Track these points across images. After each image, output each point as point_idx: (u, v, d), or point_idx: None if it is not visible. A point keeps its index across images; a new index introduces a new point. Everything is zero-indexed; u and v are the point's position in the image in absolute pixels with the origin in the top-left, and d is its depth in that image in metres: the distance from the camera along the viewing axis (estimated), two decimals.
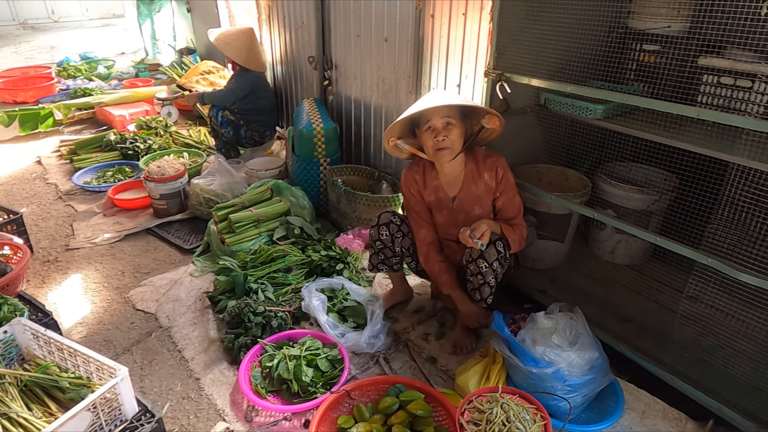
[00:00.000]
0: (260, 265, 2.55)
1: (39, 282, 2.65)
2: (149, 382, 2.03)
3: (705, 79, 1.90)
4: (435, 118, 1.94)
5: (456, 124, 1.94)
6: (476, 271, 2.00)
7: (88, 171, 3.85)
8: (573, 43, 2.09)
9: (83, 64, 6.95)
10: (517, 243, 2.06)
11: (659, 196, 2.34)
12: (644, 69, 2.26)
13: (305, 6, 3.44)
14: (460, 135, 1.97)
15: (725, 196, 1.65)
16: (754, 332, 1.71)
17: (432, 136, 1.95)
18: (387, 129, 2.06)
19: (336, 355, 2.05)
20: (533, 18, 2.15)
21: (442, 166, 2.08)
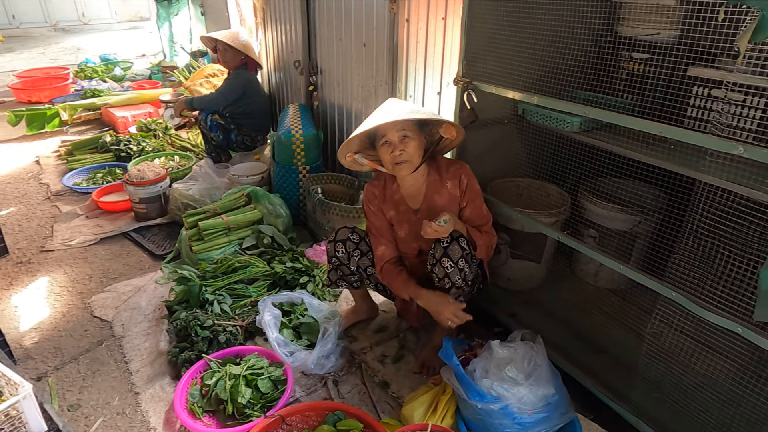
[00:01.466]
0: (221, 275, 2.47)
1: (6, 284, 2.64)
2: (87, 395, 1.96)
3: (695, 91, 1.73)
4: (390, 133, 1.84)
5: (413, 136, 1.84)
6: (442, 274, 1.87)
7: (80, 172, 3.87)
8: (556, 50, 1.93)
9: (101, 65, 7.09)
10: (484, 248, 1.93)
11: (644, 217, 2.15)
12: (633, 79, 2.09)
13: (293, 9, 3.37)
14: (418, 146, 1.86)
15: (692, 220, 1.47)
16: (723, 378, 1.52)
17: (389, 151, 1.85)
18: (341, 145, 1.96)
19: (280, 375, 1.95)
20: (511, 23, 2.01)
21: (403, 179, 1.97)
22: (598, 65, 1.88)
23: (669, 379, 1.68)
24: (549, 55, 1.98)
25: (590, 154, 2.05)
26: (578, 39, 1.87)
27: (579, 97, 1.96)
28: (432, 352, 2.05)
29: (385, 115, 1.82)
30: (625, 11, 1.98)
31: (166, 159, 3.98)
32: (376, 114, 1.86)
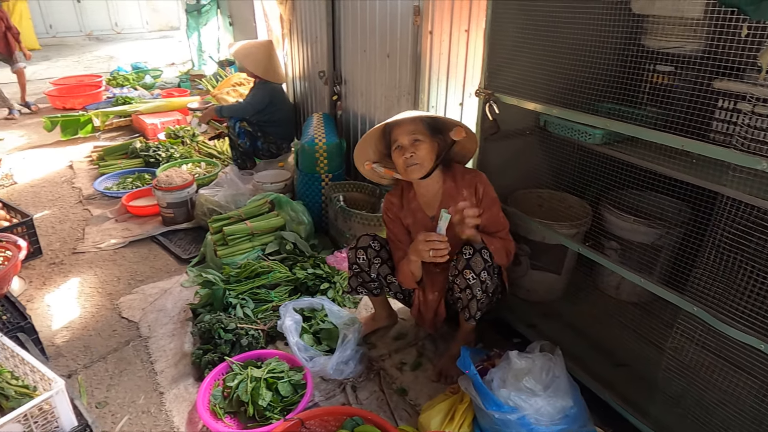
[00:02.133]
0: (244, 280, 2.53)
1: (40, 284, 2.74)
2: (114, 393, 2.03)
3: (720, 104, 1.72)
4: (401, 137, 1.89)
5: (424, 140, 1.88)
6: (464, 285, 1.90)
7: (110, 177, 4.00)
8: (579, 62, 1.94)
9: (132, 73, 7.31)
10: (502, 253, 1.94)
11: (666, 230, 2.13)
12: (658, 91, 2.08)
13: (318, 21, 3.45)
14: (430, 150, 1.89)
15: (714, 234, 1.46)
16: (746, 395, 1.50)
17: (401, 154, 1.90)
18: (355, 151, 2.02)
19: (300, 379, 1.98)
20: (534, 35, 2.02)
21: (418, 185, 2.01)
22: (622, 77, 1.88)
23: (690, 394, 1.66)
24: (572, 67, 1.99)
25: (613, 166, 2.04)
26: (602, 51, 1.88)
27: (602, 108, 1.97)
28: (450, 361, 2.06)
29: (392, 118, 1.90)
30: (650, 24, 1.98)
31: (193, 165, 4.09)
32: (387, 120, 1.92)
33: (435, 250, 1.79)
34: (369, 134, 1.96)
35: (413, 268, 1.94)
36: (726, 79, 1.60)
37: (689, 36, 1.86)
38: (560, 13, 1.96)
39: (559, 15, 1.96)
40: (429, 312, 2.13)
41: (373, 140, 2.00)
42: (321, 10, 3.40)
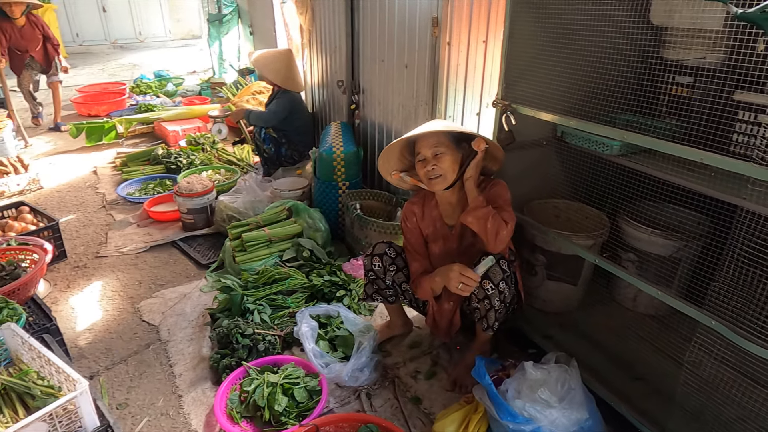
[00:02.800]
0: (262, 286, 2.57)
1: (64, 286, 2.82)
2: (134, 395, 2.07)
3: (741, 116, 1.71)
4: (424, 149, 1.91)
5: (446, 152, 1.89)
6: (482, 295, 1.91)
7: (133, 183, 4.10)
8: (597, 73, 1.95)
9: (155, 81, 7.47)
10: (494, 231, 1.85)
11: (685, 243, 2.11)
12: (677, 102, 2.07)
13: (337, 31, 3.50)
14: (453, 162, 1.90)
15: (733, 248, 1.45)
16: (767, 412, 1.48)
17: (423, 166, 1.92)
18: (379, 161, 2.05)
19: (316, 385, 2.01)
20: (551, 47, 2.04)
21: (441, 195, 2.03)
22: (640, 88, 1.88)
23: (709, 410, 1.64)
24: (589, 78, 1.99)
25: (631, 178, 2.03)
26: (620, 62, 1.88)
27: (620, 120, 1.97)
28: (465, 370, 2.06)
29: (415, 130, 1.91)
30: (670, 35, 1.98)
31: (213, 172, 4.16)
32: (412, 130, 1.94)
33: (465, 286, 1.82)
34: (392, 146, 1.98)
35: (435, 287, 1.97)
36: (747, 92, 1.59)
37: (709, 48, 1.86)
38: (578, 25, 1.97)
39: (578, 27, 1.97)
40: (444, 321, 2.14)
41: (396, 151, 2.03)
42: (340, 20, 3.45)
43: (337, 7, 3.46)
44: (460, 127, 1.93)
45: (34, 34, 5.10)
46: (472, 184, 1.89)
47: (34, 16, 5.13)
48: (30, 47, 5.13)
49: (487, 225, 1.83)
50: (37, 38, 5.16)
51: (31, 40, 5.10)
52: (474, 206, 1.87)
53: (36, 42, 5.15)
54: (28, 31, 5.06)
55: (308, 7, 4.04)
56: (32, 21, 5.08)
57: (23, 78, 5.45)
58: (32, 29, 5.08)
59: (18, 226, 3.03)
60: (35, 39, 5.13)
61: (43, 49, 5.28)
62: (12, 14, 4.86)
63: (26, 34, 5.05)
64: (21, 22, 4.97)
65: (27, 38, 5.07)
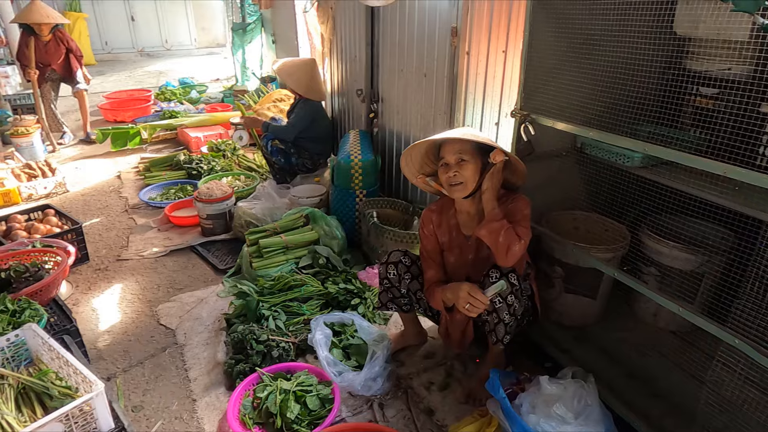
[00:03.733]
0: (278, 292, 2.58)
1: (86, 288, 2.88)
2: (150, 398, 2.10)
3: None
4: (448, 155, 1.90)
5: (469, 161, 1.88)
6: (491, 309, 1.89)
7: (155, 188, 4.17)
8: (618, 84, 1.92)
9: (179, 88, 7.62)
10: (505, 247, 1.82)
11: (708, 258, 2.05)
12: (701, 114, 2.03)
13: (358, 40, 3.53)
14: (475, 171, 1.89)
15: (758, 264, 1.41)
16: None
17: (445, 172, 1.91)
18: (402, 162, 2.04)
19: (328, 393, 2.00)
20: (572, 57, 2.02)
21: (460, 204, 2.02)
22: (663, 99, 1.84)
23: (731, 430, 1.58)
24: (610, 89, 1.96)
25: (652, 190, 2.00)
26: (642, 73, 1.86)
27: (641, 131, 1.93)
28: (479, 383, 2.04)
29: (442, 134, 1.91)
30: (694, 45, 1.94)
31: (233, 178, 4.21)
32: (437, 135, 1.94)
33: (472, 307, 1.80)
34: (416, 146, 1.97)
35: (446, 301, 1.96)
36: None
37: (735, 59, 1.82)
38: (600, 35, 1.95)
39: (599, 37, 1.95)
40: (456, 332, 2.12)
41: (420, 153, 2.02)
42: (360, 30, 3.48)
43: (358, 17, 3.49)
44: (485, 137, 1.91)
45: (58, 49, 5.13)
46: (490, 196, 1.87)
47: (61, 32, 5.17)
48: (53, 61, 5.16)
49: (498, 239, 1.81)
50: (61, 53, 5.18)
51: (54, 54, 5.13)
52: (489, 219, 1.85)
53: (59, 56, 5.18)
54: (53, 46, 5.09)
55: (329, 16, 4.09)
56: (58, 36, 5.11)
57: (43, 91, 5.32)
58: (57, 44, 5.11)
59: (43, 229, 3.11)
60: (59, 53, 5.16)
61: (65, 61, 5.27)
62: (40, 32, 4.92)
63: (51, 49, 5.08)
64: (47, 39, 5.01)
65: (51, 53, 5.10)
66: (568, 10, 1.95)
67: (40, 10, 4.85)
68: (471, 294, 1.80)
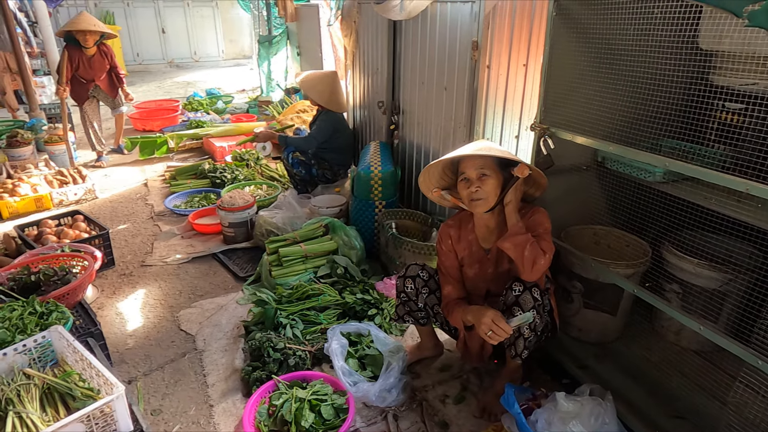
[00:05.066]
0: (296, 301, 2.61)
1: (111, 293, 2.95)
2: (168, 402, 2.13)
3: None
4: (469, 170, 1.90)
5: (491, 175, 1.87)
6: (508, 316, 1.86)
7: (180, 195, 4.27)
8: (640, 98, 1.91)
9: (206, 99, 7.80)
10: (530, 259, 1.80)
11: (733, 276, 2.01)
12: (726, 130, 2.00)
13: (380, 54, 3.58)
14: (496, 186, 1.89)
15: None
16: None
17: (466, 187, 1.91)
18: (420, 180, 2.05)
19: (343, 403, 2.01)
20: (593, 71, 2.02)
21: (479, 218, 2.02)
22: (687, 114, 1.82)
23: None
24: (632, 103, 1.95)
25: (675, 205, 1.97)
26: (665, 87, 1.84)
27: (664, 145, 1.91)
28: (494, 398, 2.02)
29: (463, 150, 1.90)
30: (720, 60, 1.91)
31: (255, 187, 4.28)
32: (459, 149, 1.94)
33: (494, 334, 1.78)
34: (436, 163, 1.98)
35: (466, 321, 1.94)
36: None
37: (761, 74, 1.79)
38: (621, 49, 1.94)
39: (621, 51, 1.95)
40: (475, 345, 2.11)
41: (439, 167, 2.02)
42: (383, 43, 3.52)
43: (381, 30, 3.54)
44: (506, 152, 1.91)
45: (102, 64, 4.95)
46: (512, 209, 1.87)
47: (105, 46, 4.98)
48: (96, 77, 4.98)
49: (524, 253, 1.80)
50: (105, 68, 5.00)
51: (98, 69, 4.95)
52: (513, 232, 1.84)
53: (103, 71, 5.01)
54: (97, 60, 4.91)
55: (353, 29, 4.15)
56: (103, 51, 4.94)
57: (86, 108, 5.13)
58: (101, 59, 4.93)
59: (72, 234, 3.21)
60: (102, 69, 4.98)
61: (108, 78, 5.11)
62: (85, 43, 4.73)
63: (95, 63, 4.90)
64: (91, 52, 4.83)
65: (95, 68, 4.92)
66: (590, 24, 1.95)
67: (88, 20, 4.75)
68: (495, 322, 1.77)
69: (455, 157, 1.93)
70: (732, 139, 1.84)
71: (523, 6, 2.50)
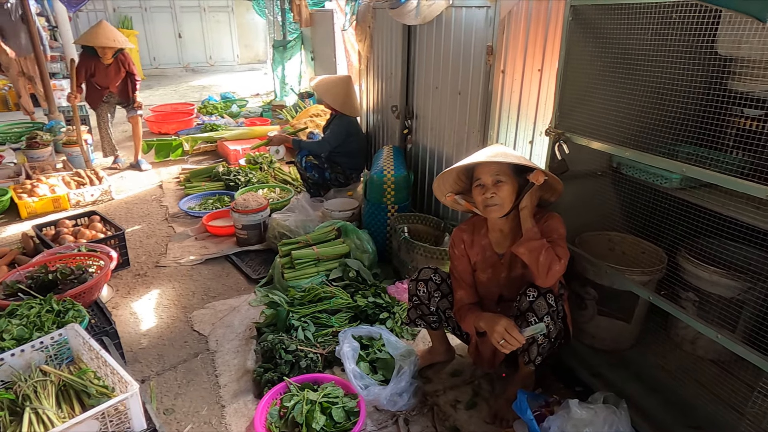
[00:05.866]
0: (308, 304, 2.61)
1: (125, 292, 2.99)
2: (181, 401, 2.15)
3: None
4: (484, 176, 1.89)
5: (507, 181, 1.87)
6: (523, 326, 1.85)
7: (194, 197, 4.31)
8: (657, 104, 1.90)
9: (221, 102, 7.88)
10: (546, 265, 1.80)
11: (751, 284, 1.97)
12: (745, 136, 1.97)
13: (394, 58, 3.59)
14: (511, 192, 1.88)
15: None
16: None
17: (481, 192, 1.90)
18: (435, 184, 2.05)
19: (354, 406, 2.00)
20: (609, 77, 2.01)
21: (493, 223, 2.01)
22: (703, 120, 1.80)
23: None
24: (648, 109, 1.94)
25: (691, 212, 1.94)
26: (682, 93, 1.82)
27: (681, 151, 1.89)
28: (506, 404, 2.00)
29: (479, 156, 1.89)
30: (739, 66, 1.89)
31: (269, 190, 4.31)
32: (473, 156, 1.93)
33: (506, 343, 1.77)
34: (451, 169, 1.98)
35: (478, 327, 1.93)
36: None
37: None
38: (638, 55, 1.93)
39: (637, 56, 1.93)
40: (487, 351, 2.10)
41: (454, 173, 2.02)
42: (397, 48, 3.54)
43: (395, 35, 3.55)
44: (523, 159, 1.91)
45: (118, 72, 4.88)
46: (528, 215, 1.86)
47: (123, 54, 4.85)
48: (111, 84, 4.92)
49: (539, 258, 1.79)
50: (121, 76, 4.92)
51: (114, 77, 4.88)
52: (527, 237, 1.83)
53: (118, 79, 4.93)
54: (114, 69, 4.83)
55: (367, 34, 4.18)
56: (120, 60, 4.83)
57: (100, 112, 5.12)
58: (117, 67, 4.85)
59: (89, 234, 3.25)
60: (118, 76, 4.91)
61: (123, 84, 5.00)
62: (104, 56, 4.68)
63: (111, 71, 4.84)
64: (108, 61, 4.76)
65: (111, 76, 4.86)
66: (606, 29, 1.94)
67: (107, 33, 4.62)
68: (508, 331, 1.76)
69: (471, 164, 1.92)
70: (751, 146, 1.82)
71: (538, 11, 2.49)
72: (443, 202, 2.12)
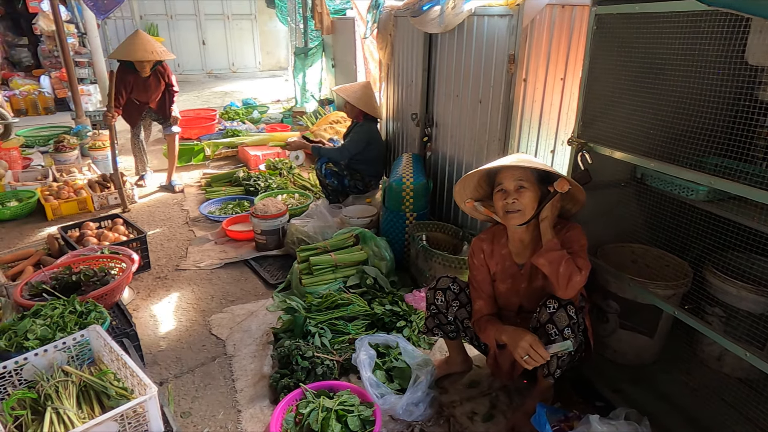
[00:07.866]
0: (325, 310, 2.61)
1: (146, 295, 3.02)
2: (198, 405, 2.16)
3: None
4: (507, 181, 1.87)
5: (529, 188, 1.85)
6: (545, 341, 1.82)
7: (214, 202, 4.36)
8: (683, 114, 1.86)
9: (242, 108, 7.98)
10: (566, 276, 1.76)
11: None
12: None
13: (414, 66, 3.59)
14: (533, 199, 1.86)
15: None
16: None
17: (502, 198, 1.88)
18: (456, 189, 2.04)
19: (369, 415, 1.99)
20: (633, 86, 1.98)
21: (513, 232, 1.98)
22: (732, 131, 1.76)
23: None
24: (674, 119, 1.90)
25: (718, 225, 1.89)
26: (710, 103, 1.79)
27: (708, 163, 1.85)
28: (524, 417, 1.97)
29: (503, 160, 1.88)
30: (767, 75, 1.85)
31: (288, 196, 4.34)
32: (498, 160, 1.92)
33: (530, 359, 1.75)
34: (474, 172, 1.96)
35: (500, 341, 1.91)
36: None
37: None
38: (664, 64, 1.89)
39: (664, 66, 1.90)
40: (506, 362, 2.06)
41: (475, 178, 2.00)
42: (418, 56, 3.54)
43: (416, 43, 3.56)
44: (548, 166, 1.88)
45: (158, 86, 4.52)
46: (548, 225, 1.84)
47: (163, 66, 4.51)
48: (151, 99, 4.55)
49: (559, 269, 1.76)
50: (160, 90, 4.55)
51: (154, 91, 4.52)
52: (548, 248, 1.81)
53: (158, 94, 4.56)
54: (153, 82, 4.46)
55: (388, 42, 4.19)
56: (159, 72, 4.48)
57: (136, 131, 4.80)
58: (157, 80, 4.49)
59: (112, 236, 3.31)
60: (158, 90, 4.54)
61: (161, 99, 4.62)
62: (142, 70, 4.32)
63: (150, 85, 4.46)
64: (147, 74, 4.40)
65: (150, 90, 4.49)
66: (632, 37, 1.92)
67: (146, 46, 4.27)
68: (533, 347, 1.74)
69: (494, 168, 1.91)
70: None
71: (561, 19, 2.47)
72: (462, 209, 2.11)
